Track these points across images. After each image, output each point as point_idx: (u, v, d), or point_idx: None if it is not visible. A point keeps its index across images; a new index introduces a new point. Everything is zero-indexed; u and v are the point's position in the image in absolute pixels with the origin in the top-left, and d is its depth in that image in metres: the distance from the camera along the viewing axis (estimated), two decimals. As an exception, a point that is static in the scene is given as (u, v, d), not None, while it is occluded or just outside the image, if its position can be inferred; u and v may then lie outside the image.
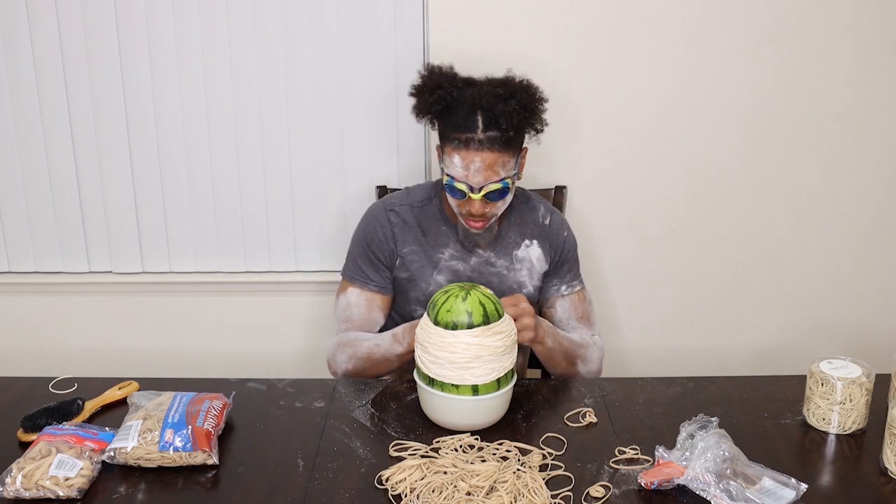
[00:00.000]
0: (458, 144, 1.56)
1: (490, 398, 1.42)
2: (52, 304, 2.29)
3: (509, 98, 1.56)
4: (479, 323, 1.40)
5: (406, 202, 1.75)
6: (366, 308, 1.72)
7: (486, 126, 1.55)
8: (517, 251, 1.74)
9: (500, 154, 1.56)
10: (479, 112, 1.56)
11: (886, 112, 2.15)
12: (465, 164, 1.56)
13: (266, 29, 2.07)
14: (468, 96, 1.57)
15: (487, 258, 1.73)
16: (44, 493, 1.25)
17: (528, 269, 1.75)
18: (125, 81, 2.11)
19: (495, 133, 1.55)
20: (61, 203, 2.21)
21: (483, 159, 1.55)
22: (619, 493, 1.28)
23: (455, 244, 1.72)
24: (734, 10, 2.05)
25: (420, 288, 1.72)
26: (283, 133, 2.16)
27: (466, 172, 1.57)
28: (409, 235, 1.72)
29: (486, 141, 1.55)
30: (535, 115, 1.61)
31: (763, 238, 2.25)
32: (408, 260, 1.72)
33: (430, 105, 1.61)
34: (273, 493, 1.28)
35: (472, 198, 1.58)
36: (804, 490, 1.26)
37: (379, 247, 1.72)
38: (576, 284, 1.78)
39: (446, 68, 1.65)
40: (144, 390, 1.51)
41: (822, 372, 1.44)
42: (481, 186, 1.57)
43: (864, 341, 2.32)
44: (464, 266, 1.72)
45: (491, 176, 1.57)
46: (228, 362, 2.30)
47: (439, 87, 1.60)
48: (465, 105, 1.57)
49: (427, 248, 1.72)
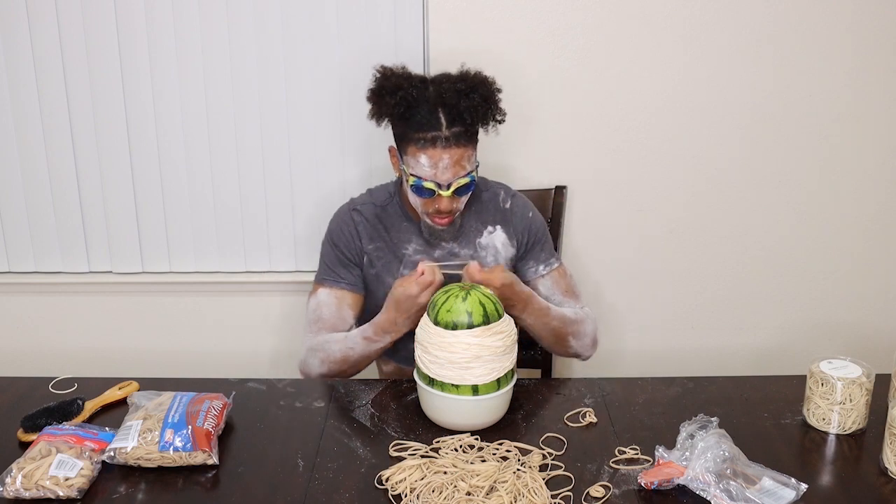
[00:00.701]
0: (424, 144, 1.57)
1: (490, 398, 1.42)
2: (52, 304, 2.29)
3: (470, 92, 1.58)
4: (479, 323, 1.40)
5: (368, 201, 1.78)
6: (336, 306, 1.72)
7: (449, 122, 1.56)
8: (479, 239, 1.75)
9: (465, 149, 1.59)
10: (442, 109, 1.57)
11: (886, 112, 2.15)
12: (432, 162, 1.57)
13: (266, 29, 2.07)
14: (428, 95, 1.59)
15: (451, 249, 1.74)
16: (44, 493, 1.25)
17: (494, 255, 1.75)
18: (125, 81, 2.11)
19: (459, 128, 1.57)
20: (61, 203, 2.21)
21: (451, 156, 1.57)
22: (619, 493, 1.28)
23: (418, 239, 1.74)
24: (734, 10, 2.05)
25: (387, 283, 1.73)
26: (283, 133, 2.16)
27: (434, 171, 1.58)
28: (374, 233, 1.74)
29: (452, 137, 1.56)
30: (496, 105, 1.64)
31: (763, 238, 2.25)
32: (373, 256, 1.74)
33: (391, 107, 1.60)
34: (273, 493, 1.28)
35: (442, 195, 1.60)
36: (804, 490, 1.26)
37: (346, 245, 1.74)
38: (553, 262, 1.78)
39: (399, 69, 1.66)
40: (144, 390, 1.51)
41: (822, 372, 1.44)
42: (450, 183, 1.59)
43: (864, 341, 2.32)
44: (428, 258, 1.73)
45: (459, 171, 1.59)
46: (228, 362, 2.30)
47: (399, 88, 1.60)
48: (426, 104, 1.58)
49: (391, 245, 1.74)
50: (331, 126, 2.15)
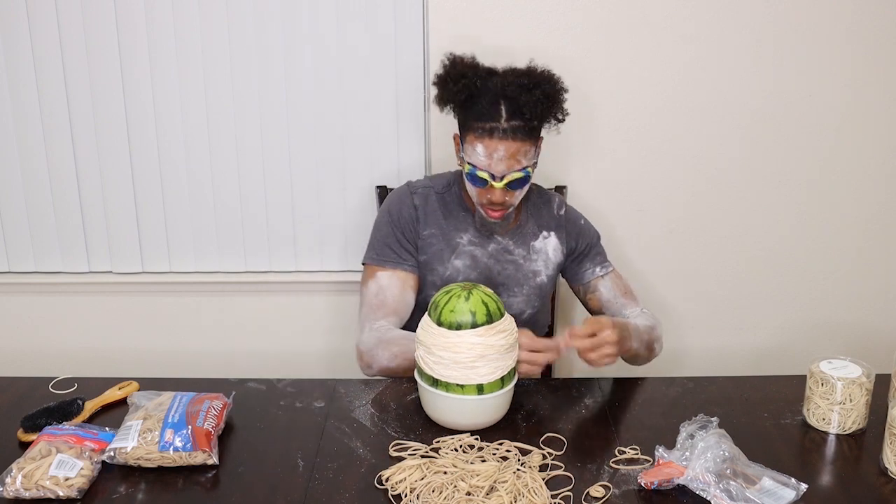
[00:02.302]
0: (482, 133, 1.59)
1: (495, 396, 1.42)
2: (52, 304, 2.29)
3: (533, 88, 1.59)
4: (482, 322, 1.41)
5: (428, 185, 1.78)
6: (399, 289, 1.70)
7: (509, 115, 1.58)
8: (535, 242, 1.78)
9: (522, 143, 1.59)
10: (503, 101, 1.58)
11: (886, 112, 2.15)
12: (488, 152, 1.59)
13: (266, 29, 2.07)
14: (492, 86, 1.60)
15: (505, 245, 1.76)
16: (44, 493, 1.25)
17: (545, 260, 1.78)
18: (125, 81, 2.11)
19: (519, 122, 1.58)
20: (61, 203, 2.21)
21: (506, 148, 1.58)
22: (619, 493, 1.28)
23: (473, 230, 1.75)
24: (734, 10, 2.05)
25: (437, 272, 1.74)
26: (283, 133, 2.16)
27: (489, 161, 1.59)
28: (431, 218, 1.75)
29: (510, 130, 1.57)
30: (558, 104, 1.64)
31: (763, 238, 2.25)
32: (427, 243, 1.74)
33: (454, 94, 1.62)
34: (273, 493, 1.28)
35: (495, 186, 1.61)
36: (804, 490, 1.26)
37: (406, 226, 1.74)
38: (608, 265, 1.81)
39: (468, 58, 1.67)
40: (144, 390, 1.51)
41: (822, 372, 1.44)
42: (503, 175, 1.60)
43: (864, 341, 2.32)
44: (481, 252, 1.75)
45: (513, 165, 1.60)
46: (228, 362, 2.30)
47: (463, 76, 1.62)
48: (488, 94, 1.59)
49: (447, 232, 1.74)
50: (331, 126, 2.15)
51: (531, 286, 1.78)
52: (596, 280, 1.79)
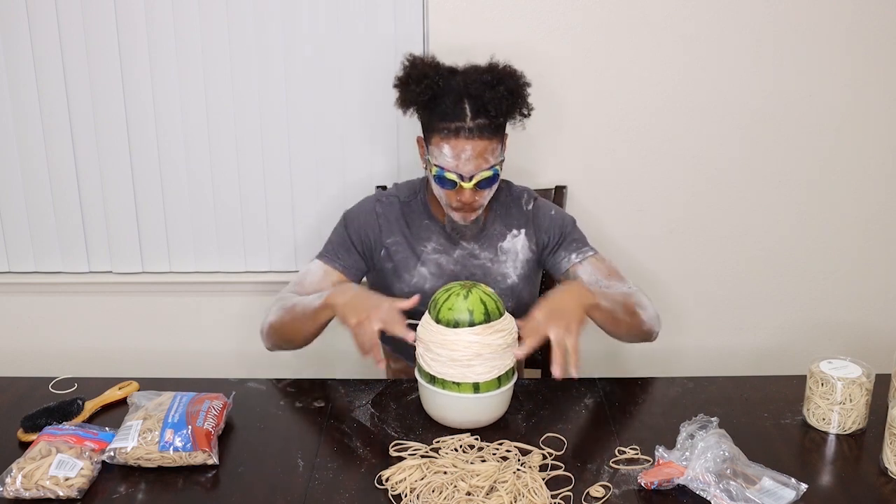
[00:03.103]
0: (448, 134, 1.56)
1: (491, 396, 1.42)
2: (52, 304, 2.29)
3: (497, 84, 1.56)
4: (480, 321, 1.41)
5: (393, 195, 1.77)
6: (320, 277, 1.70)
7: (474, 114, 1.55)
8: (502, 243, 1.74)
9: (489, 141, 1.56)
10: (467, 100, 1.56)
11: (886, 112, 2.15)
12: (455, 153, 1.56)
13: (266, 29, 2.07)
14: (455, 84, 1.57)
15: (471, 250, 1.72)
16: (44, 493, 1.25)
17: (513, 261, 1.74)
18: (125, 81, 2.11)
19: (484, 120, 1.55)
20: (61, 203, 2.21)
21: (473, 147, 1.55)
22: (619, 493, 1.28)
23: (438, 237, 1.72)
24: (734, 10, 2.05)
25: (404, 279, 1.72)
26: (283, 133, 2.16)
27: (457, 162, 1.56)
28: (395, 227, 1.73)
29: (476, 129, 1.55)
30: (522, 99, 1.62)
31: (763, 238, 2.25)
32: (392, 251, 1.72)
33: (416, 95, 1.59)
34: (273, 493, 1.28)
35: (464, 187, 1.58)
36: (804, 490, 1.26)
37: (358, 231, 1.73)
38: (587, 250, 1.74)
39: (429, 59, 1.65)
40: (144, 390, 1.51)
41: (822, 372, 1.44)
42: (472, 175, 1.57)
43: (864, 341, 2.32)
44: (447, 259, 1.72)
45: (481, 164, 1.57)
46: (228, 362, 2.30)
47: (425, 76, 1.59)
48: (452, 94, 1.57)
49: (411, 241, 1.72)
50: (331, 125, 2.15)
51: (501, 289, 1.72)
52: (573, 267, 1.72)
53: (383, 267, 1.74)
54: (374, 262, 1.74)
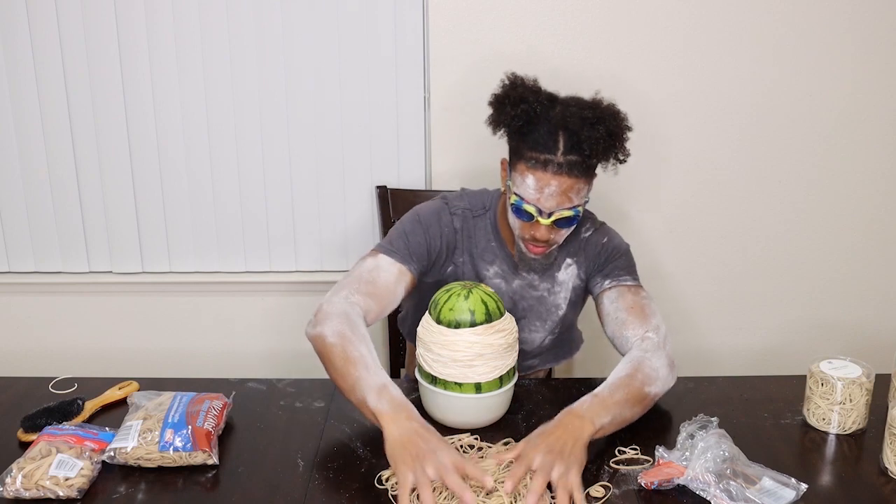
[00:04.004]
0: (535, 164, 1.46)
1: (493, 396, 1.42)
2: (52, 304, 2.29)
3: (597, 123, 1.46)
4: (481, 321, 1.40)
5: (465, 208, 1.65)
6: (394, 279, 1.55)
7: (567, 149, 1.45)
8: (558, 273, 1.65)
9: (576, 180, 1.46)
10: (563, 133, 1.45)
11: (886, 112, 2.15)
12: (538, 186, 1.46)
13: (266, 30, 2.07)
14: (553, 115, 1.47)
15: (530, 281, 1.64)
16: (44, 493, 1.25)
17: (566, 291, 1.66)
18: (125, 81, 2.11)
19: (576, 158, 1.45)
20: (61, 203, 2.21)
21: (559, 184, 1.45)
22: (619, 493, 1.28)
23: (501, 262, 1.63)
24: (734, 9, 2.05)
25: None
26: (283, 133, 2.16)
27: (539, 196, 1.47)
28: (465, 244, 1.63)
29: (566, 165, 1.45)
30: (621, 143, 1.51)
31: (763, 238, 2.25)
32: (460, 270, 1.64)
33: (511, 119, 1.50)
34: (273, 493, 1.28)
35: (541, 222, 1.49)
36: (804, 490, 1.26)
37: (436, 239, 1.60)
38: (624, 278, 1.61)
39: (530, 81, 1.55)
40: (144, 390, 1.51)
41: (822, 372, 1.44)
42: (552, 212, 1.48)
43: (864, 341, 2.32)
44: (506, 286, 1.64)
45: (564, 202, 1.47)
46: (228, 362, 2.30)
47: (524, 100, 1.49)
48: (548, 124, 1.46)
49: (476, 262, 1.64)
50: (331, 125, 2.15)
51: (553, 320, 1.67)
52: (602, 292, 1.61)
53: (446, 282, 1.60)
54: (436, 273, 1.64)
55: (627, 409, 1.40)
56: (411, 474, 1.21)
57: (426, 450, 1.23)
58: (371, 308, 1.51)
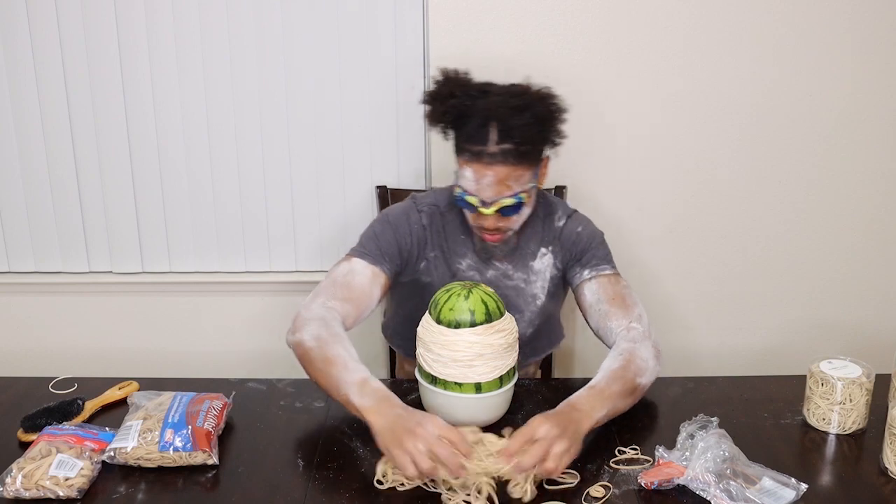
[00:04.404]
0: (470, 157, 1.49)
1: (493, 396, 1.42)
2: (52, 304, 2.29)
3: (524, 110, 1.48)
4: (481, 321, 1.40)
5: (433, 203, 1.68)
6: (369, 281, 1.57)
7: (499, 139, 1.47)
8: (533, 262, 1.67)
9: (513, 168, 1.48)
10: (493, 124, 1.47)
11: (886, 112, 2.15)
12: (476, 177, 1.50)
13: (266, 29, 2.08)
14: (481, 107, 1.49)
15: (504, 271, 1.66)
16: (44, 493, 1.25)
17: (542, 281, 1.68)
18: (125, 81, 2.11)
19: (509, 146, 1.47)
20: (61, 203, 2.21)
21: (495, 174, 1.48)
22: (619, 493, 1.28)
23: (473, 255, 1.66)
24: (734, 9, 2.05)
25: None
26: (283, 133, 2.16)
27: (478, 186, 1.50)
28: (436, 240, 1.66)
29: (499, 154, 1.47)
30: (551, 127, 1.53)
31: (763, 238, 2.25)
32: (432, 265, 1.65)
33: (441, 115, 1.54)
34: (273, 493, 1.28)
35: (483, 212, 1.52)
36: (804, 490, 1.26)
37: (405, 238, 1.63)
38: (602, 268, 1.63)
39: (461, 74, 1.57)
40: (144, 390, 1.51)
41: (822, 372, 1.44)
42: (493, 201, 1.51)
43: (864, 341, 2.32)
44: (481, 278, 1.66)
45: (503, 191, 1.50)
46: (228, 362, 2.30)
47: (452, 95, 1.52)
48: (477, 116, 1.48)
49: (448, 256, 1.66)
50: (331, 125, 2.15)
51: (532, 310, 1.68)
52: (582, 283, 1.62)
53: (419, 279, 1.66)
54: (410, 271, 1.66)
55: (621, 401, 1.42)
56: (406, 455, 1.23)
57: (413, 424, 1.26)
58: (349, 312, 1.54)
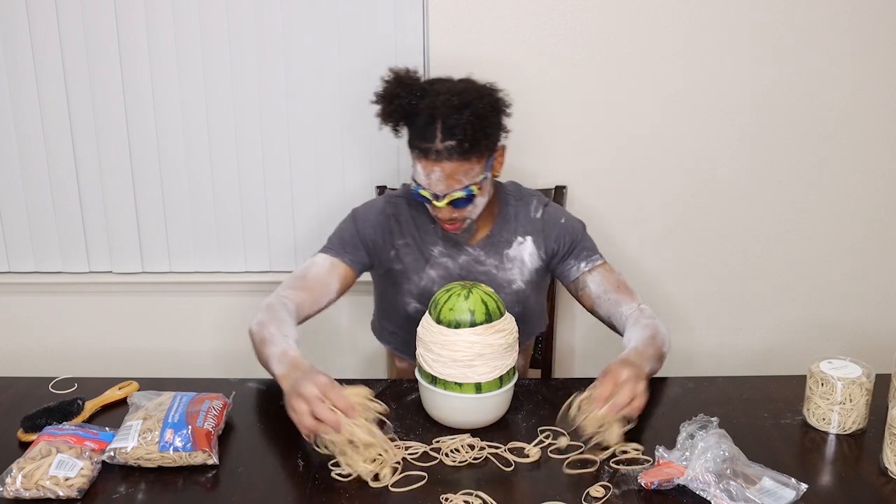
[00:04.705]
0: (419, 154, 1.56)
1: (493, 396, 1.42)
2: (52, 304, 2.29)
3: (463, 108, 1.52)
4: (481, 321, 1.41)
5: (402, 196, 1.76)
6: (326, 270, 1.67)
7: (444, 136, 1.52)
8: (508, 250, 1.72)
9: (460, 163, 1.54)
10: (438, 122, 1.53)
11: (886, 112, 2.14)
12: (426, 173, 1.56)
13: (266, 29, 2.08)
14: (425, 106, 1.55)
15: (476, 256, 1.71)
16: (44, 493, 1.25)
17: (520, 267, 1.72)
18: (125, 81, 2.11)
19: (453, 143, 1.52)
20: (61, 203, 2.21)
21: (443, 169, 1.54)
22: (619, 493, 1.28)
23: (444, 241, 1.72)
24: (734, 10, 2.05)
25: (413, 281, 1.71)
26: (283, 133, 2.16)
27: (429, 181, 1.56)
28: (405, 228, 1.72)
29: (445, 151, 1.52)
30: (491, 123, 1.56)
31: (763, 238, 2.25)
32: (402, 252, 1.72)
33: (388, 115, 1.60)
34: (273, 493, 1.28)
35: (436, 205, 1.58)
36: (804, 490, 1.26)
37: (368, 229, 1.71)
38: (596, 258, 1.71)
39: (409, 74, 1.62)
40: (144, 390, 1.52)
41: (822, 372, 1.44)
42: (444, 194, 1.57)
43: (864, 341, 2.32)
44: (453, 264, 1.71)
45: (453, 185, 1.55)
46: (228, 362, 2.30)
47: (397, 96, 1.58)
48: (423, 114, 1.55)
49: (420, 243, 1.72)
50: (331, 125, 2.15)
51: (506, 293, 1.70)
52: (583, 276, 1.70)
53: (392, 267, 1.73)
54: (382, 262, 1.73)
55: (656, 363, 1.52)
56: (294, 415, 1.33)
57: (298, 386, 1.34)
58: (304, 299, 1.63)
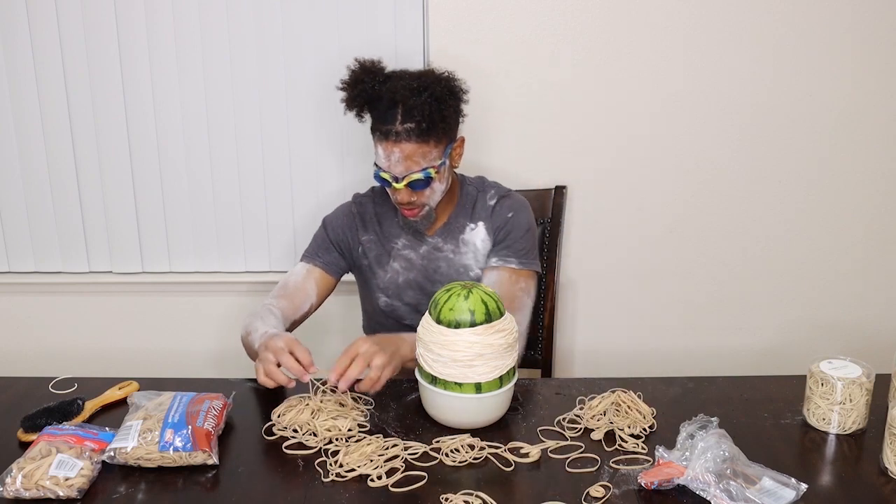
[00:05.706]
0: (381, 136, 1.65)
1: (493, 395, 1.42)
2: (52, 304, 2.29)
3: (422, 91, 1.63)
4: (481, 321, 1.41)
5: (368, 195, 1.87)
6: (302, 277, 1.79)
7: (403, 118, 1.62)
8: (462, 235, 1.79)
9: (418, 145, 1.63)
10: (398, 105, 1.63)
11: (886, 112, 2.15)
12: (386, 154, 1.65)
13: (266, 29, 2.08)
14: (386, 90, 1.65)
15: (436, 244, 1.80)
16: (44, 493, 1.25)
17: (474, 252, 1.79)
18: (125, 81, 2.11)
19: (412, 125, 1.62)
20: (61, 203, 2.21)
21: (402, 150, 1.63)
22: (619, 493, 1.28)
23: (406, 234, 1.80)
24: (734, 10, 2.05)
25: (378, 275, 1.81)
26: (283, 133, 2.16)
27: (389, 163, 1.66)
28: (369, 225, 1.83)
29: (404, 133, 1.62)
30: (448, 106, 1.66)
31: (763, 238, 2.25)
32: (367, 248, 1.82)
33: (352, 100, 1.69)
34: (273, 493, 1.28)
35: (396, 187, 1.67)
36: (804, 490, 1.26)
37: (336, 231, 1.83)
38: (510, 261, 1.75)
39: (372, 63, 1.72)
40: (144, 390, 1.51)
41: (822, 372, 1.44)
42: (403, 176, 1.65)
43: (864, 341, 2.32)
44: (415, 255, 1.80)
45: (412, 166, 1.65)
46: (228, 362, 2.30)
47: (360, 82, 1.68)
48: (385, 99, 1.65)
49: (382, 238, 1.82)
50: (331, 125, 2.15)
51: (466, 279, 1.78)
52: (488, 269, 1.77)
53: (361, 263, 1.84)
54: (355, 260, 1.84)
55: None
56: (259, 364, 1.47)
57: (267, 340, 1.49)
58: (286, 306, 1.75)
